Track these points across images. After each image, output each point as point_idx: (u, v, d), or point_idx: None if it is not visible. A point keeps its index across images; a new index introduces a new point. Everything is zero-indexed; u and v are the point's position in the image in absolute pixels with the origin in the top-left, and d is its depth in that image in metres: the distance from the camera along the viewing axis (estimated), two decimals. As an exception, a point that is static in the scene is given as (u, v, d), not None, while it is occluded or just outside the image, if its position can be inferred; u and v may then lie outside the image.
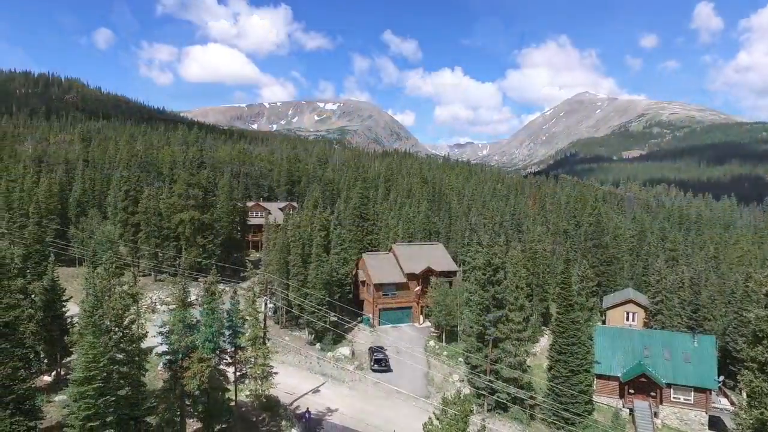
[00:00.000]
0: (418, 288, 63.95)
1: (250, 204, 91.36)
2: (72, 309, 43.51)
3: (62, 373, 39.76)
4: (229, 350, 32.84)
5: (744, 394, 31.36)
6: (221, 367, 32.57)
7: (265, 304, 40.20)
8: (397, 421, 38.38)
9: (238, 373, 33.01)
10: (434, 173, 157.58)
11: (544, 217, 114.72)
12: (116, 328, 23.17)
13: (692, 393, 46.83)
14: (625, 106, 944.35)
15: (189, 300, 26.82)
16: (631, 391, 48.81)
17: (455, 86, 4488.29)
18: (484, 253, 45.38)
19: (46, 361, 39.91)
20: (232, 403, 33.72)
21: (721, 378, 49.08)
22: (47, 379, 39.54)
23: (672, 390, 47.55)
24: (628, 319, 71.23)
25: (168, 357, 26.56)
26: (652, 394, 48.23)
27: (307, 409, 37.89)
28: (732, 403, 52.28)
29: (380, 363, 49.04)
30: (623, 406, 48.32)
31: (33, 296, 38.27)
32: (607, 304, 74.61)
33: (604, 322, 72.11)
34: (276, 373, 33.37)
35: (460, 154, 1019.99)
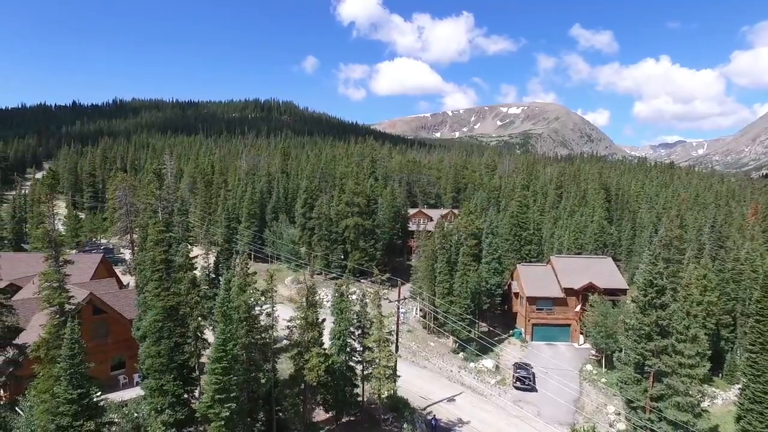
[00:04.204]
0: (578, 305, 58.30)
1: (413, 211, 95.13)
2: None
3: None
4: (358, 349, 35.25)
5: None
6: (350, 363, 35.15)
7: (398, 308, 41.69)
8: (529, 446, 35.86)
9: (365, 372, 35.16)
10: (618, 178, 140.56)
11: (766, 230, 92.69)
12: (251, 319, 27.20)
13: None
14: None
15: (315, 299, 29.76)
16: None
17: (660, 77, 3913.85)
18: (645, 272, 39.20)
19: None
20: (360, 399, 36.01)
21: None
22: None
23: None
24: None
25: (296, 349, 29.89)
26: None
27: (434, 416, 38.09)
28: None
29: (523, 381, 46.31)
30: None
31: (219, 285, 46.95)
32: None
33: None
34: (399, 376, 34.43)
35: (667, 155, 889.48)
